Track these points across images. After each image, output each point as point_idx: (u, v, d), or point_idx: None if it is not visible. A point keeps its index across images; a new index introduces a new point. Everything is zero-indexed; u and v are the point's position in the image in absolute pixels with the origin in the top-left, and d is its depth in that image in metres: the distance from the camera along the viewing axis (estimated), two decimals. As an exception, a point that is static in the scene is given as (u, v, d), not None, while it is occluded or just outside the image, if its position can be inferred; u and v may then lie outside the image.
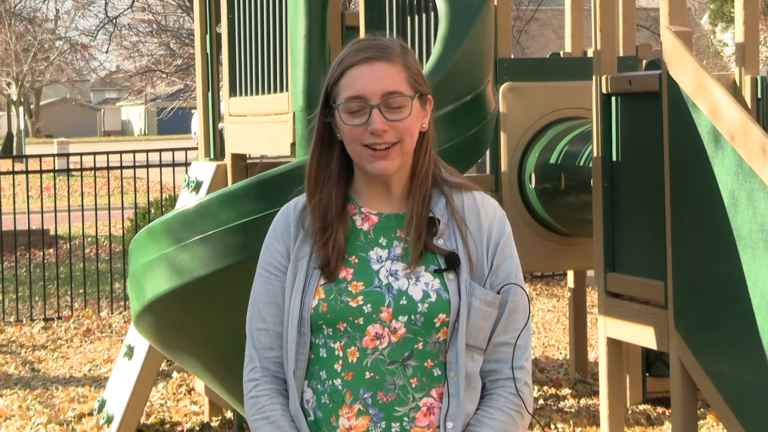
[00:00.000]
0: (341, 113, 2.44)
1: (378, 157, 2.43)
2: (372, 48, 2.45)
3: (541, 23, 31.25)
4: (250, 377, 2.51)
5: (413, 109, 2.44)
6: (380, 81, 2.42)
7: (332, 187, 2.49)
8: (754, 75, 5.15)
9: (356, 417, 2.43)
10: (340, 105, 2.44)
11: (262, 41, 5.99)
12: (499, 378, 2.50)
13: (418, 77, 2.47)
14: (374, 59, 2.43)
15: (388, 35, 5.70)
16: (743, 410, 4.45)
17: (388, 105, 2.42)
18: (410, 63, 2.47)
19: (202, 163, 6.95)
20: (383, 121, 2.41)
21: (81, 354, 9.30)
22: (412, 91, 2.45)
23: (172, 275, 4.88)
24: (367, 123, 2.42)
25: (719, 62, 35.58)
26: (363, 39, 2.51)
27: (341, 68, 2.45)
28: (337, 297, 2.44)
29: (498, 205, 2.55)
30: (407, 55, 2.48)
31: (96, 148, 20.89)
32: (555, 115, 6.69)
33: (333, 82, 2.46)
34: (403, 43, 2.51)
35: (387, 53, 2.45)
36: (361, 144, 2.43)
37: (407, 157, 2.47)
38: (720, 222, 4.50)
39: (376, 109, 2.41)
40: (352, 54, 2.45)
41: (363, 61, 2.43)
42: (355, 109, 2.43)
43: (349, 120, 2.44)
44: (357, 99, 2.42)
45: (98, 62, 42.77)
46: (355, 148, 2.45)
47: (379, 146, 2.42)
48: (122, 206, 11.73)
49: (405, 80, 2.44)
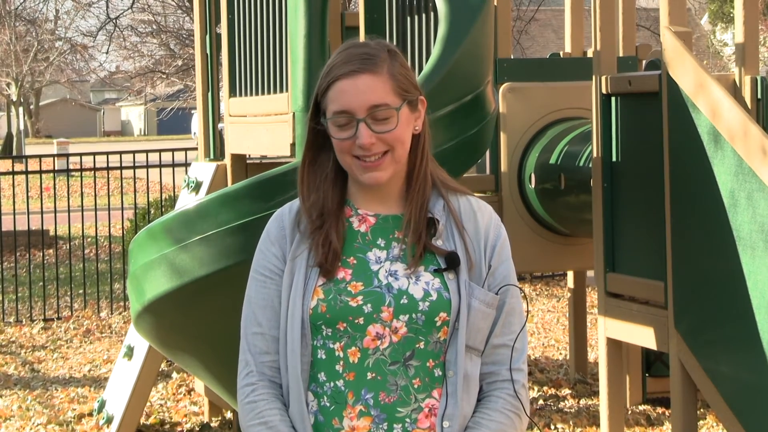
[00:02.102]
0: (330, 126, 2.44)
1: (369, 168, 2.43)
2: (357, 59, 2.43)
3: (541, 23, 31.25)
4: (246, 382, 2.49)
5: (401, 118, 2.43)
6: (365, 94, 2.41)
7: (328, 188, 2.49)
8: (754, 75, 5.15)
9: (358, 418, 2.41)
10: (329, 119, 2.44)
11: (262, 41, 5.99)
12: (496, 380, 2.49)
13: (405, 84, 2.45)
14: (358, 72, 2.41)
15: (388, 35, 5.73)
16: (743, 410, 4.45)
17: (375, 117, 2.41)
18: (396, 71, 2.44)
19: (202, 164, 6.95)
20: (370, 134, 2.41)
21: (81, 354, 9.30)
22: (399, 101, 2.43)
23: (172, 275, 4.88)
24: (354, 136, 2.41)
25: (719, 62, 35.59)
26: (350, 46, 2.49)
27: (328, 80, 2.44)
28: (336, 297, 2.43)
29: (492, 210, 2.56)
30: (395, 62, 2.46)
31: (96, 149, 20.90)
32: (555, 116, 6.69)
33: (321, 93, 2.46)
34: (391, 48, 2.49)
35: (372, 64, 2.42)
36: (351, 155, 2.43)
37: (400, 164, 2.46)
38: (720, 222, 4.50)
39: (362, 123, 2.40)
40: (338, 66, 2.43)
41: (348, 74, 2.41)
42: (343, 123, 2.42)
43: (337, 133, 2.43)
44: (343, 114, 2.42)
45: (98, 63, 42.76)
46: (345, 160, 2.45)
47: (369, 158, 2.42)
48: (122, 206, 11.73)
49: (391, 91, 2.43)
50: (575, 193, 6.23)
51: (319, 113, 2.48)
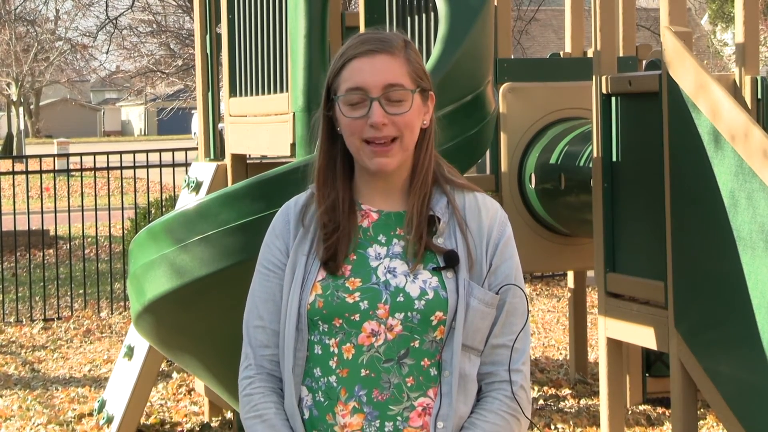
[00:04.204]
0: (341, 105, 2.42)
1: (378, 153, 2.41)
2: (374, 41, 2.44)
3: (541, 23, 31.25)
4: (245, 375, 2.50)
5: (414, 103, 2.42)
6: (381, 73, 2.40)
7: (339, 183, 2.47)
8: (754, 75, 5.15)
9: (351, 415, 2.40)
10: (340, 97, 2.42)
11: (262, 41, 5.99)
12: (494, 381, 2.47)
13: (419, 72, 2.45)
14: (376, 51, 2.42)
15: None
16: (743, 410, 4.45)
17: (389, 98, 2.40)
18: (412, 57, 2.45)
19: (202, 164, 6.95)
20: (383, 114, 2.39)
21: (81, 354, 9.30)
22: (413, 85, 2.43)
23: (173, 275, 4.88)
24: (366, 116, 2.40)
25: (719, 62, 35.58)
26: (365, 32, 2.51)
27: (342, 60, 2.43)
28: (333, 293, 2.42)
29: (500, 207, 2.54)
30: (410, 50, 2.46)
31: (96, 149, 20.89)
32: (555, 116, 6.69)
33: (334, 75, 2.44)
34: (407, 38, 2.50)
35: (389, 46, 2.43)
36: (361, 139, 2.41)
37: (407, 153, 2.45)
38: (720, 222, 4.50)
39: (376, 102, 2.39)
40: (354, 46, 2.44)
41: (365, 53, 2.42)
42: (356, 101, 2.41)
43: (348, 112, 2.41)
44: (357, 90, 2.40)
45: (98, 62, 42.73)
46: (354, 143, 2.43)
47: (379, 140, 2.40)
48: (122, 206, 11.73)
49: (406, 74, 2.43)
50: (575, 193, 6.23)
51: (330, 99, 2.46)
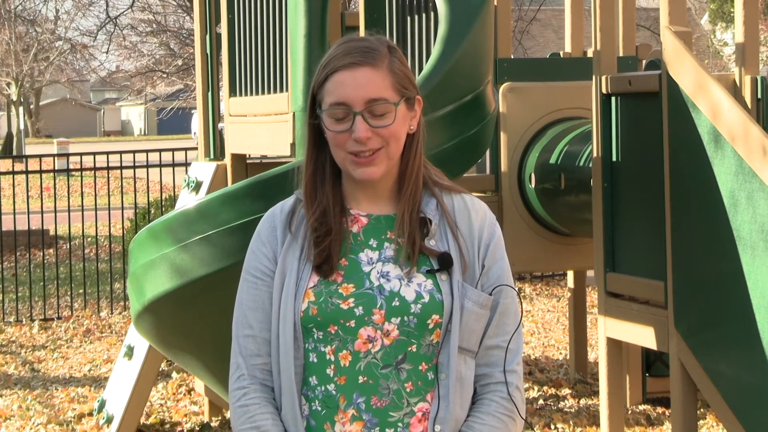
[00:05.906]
0: (326, 118, 2.40)
1: (362, 163, 2.39)
2: (357, 52, 2.40)
3: (541, 23, 31.24)
4: (238, 385, 2.46)
5: (398, 114, 2.39)
6: (363, 88, 2.37)
7: (329, 189, 2.45)
8: (754, 75, 5.15)
9: (350, 422, 2.38)
10: (324, 111, 2.40)
11: (262, 41, 5.99)
12: (490, 382, 2.44)
13: (404, 81, 2.42)
14: (358, 65, 2.38)
15: (388, 35, 5.73)
16: (743, 410, 4.45)
17: (372, 112, 2.37)
18: (396, 67, 2.41)
19: (202, 163, 6.95)
20: (367, 128, 2.37)
21: (81, 354, 9.29)
22: (397, 97, 2.40)
23: (173, 275, 4.88)
24: (350, 129, 2.37)
25: (719, 62, 35.58)
26: (350, 40, 2.45)
27: (326, 72, 2.40)
28: (327, 299, 2.39)
29: (488, 208, 2.52)
30: (394, 58, 2.42)
31: (96, 148, 20.87)
32: (555, 115, 6.69)
33: (318, 86, 2.42)
34: (391, 44, 2.46)
35: (372, 58, 2.39)
36: (346, 151, 2.39)
37: (393, 161, 2.42)
38: (720, 222, 4.50)
39: (359, 116, 2.37)
40: (338, 57, 2.40)
41: (347, 66, 2.38)
42: (340, 116, 2.38)
43: (333, 126, 2.39)
44: (340, 105, 2.38)
45: (98, 62, 42.75)
46: (339, 154, 2.41)
47: (363, 153, 2.38)
48: (122, 206, 11.73)
49: (390, 86, 2.39)
50: (575, 193, 6.23)
51: (316, 108, 2.44)
